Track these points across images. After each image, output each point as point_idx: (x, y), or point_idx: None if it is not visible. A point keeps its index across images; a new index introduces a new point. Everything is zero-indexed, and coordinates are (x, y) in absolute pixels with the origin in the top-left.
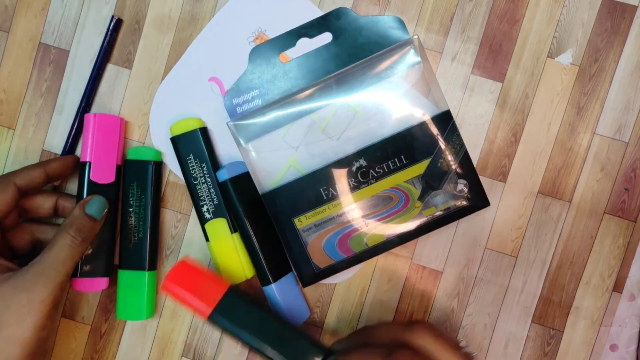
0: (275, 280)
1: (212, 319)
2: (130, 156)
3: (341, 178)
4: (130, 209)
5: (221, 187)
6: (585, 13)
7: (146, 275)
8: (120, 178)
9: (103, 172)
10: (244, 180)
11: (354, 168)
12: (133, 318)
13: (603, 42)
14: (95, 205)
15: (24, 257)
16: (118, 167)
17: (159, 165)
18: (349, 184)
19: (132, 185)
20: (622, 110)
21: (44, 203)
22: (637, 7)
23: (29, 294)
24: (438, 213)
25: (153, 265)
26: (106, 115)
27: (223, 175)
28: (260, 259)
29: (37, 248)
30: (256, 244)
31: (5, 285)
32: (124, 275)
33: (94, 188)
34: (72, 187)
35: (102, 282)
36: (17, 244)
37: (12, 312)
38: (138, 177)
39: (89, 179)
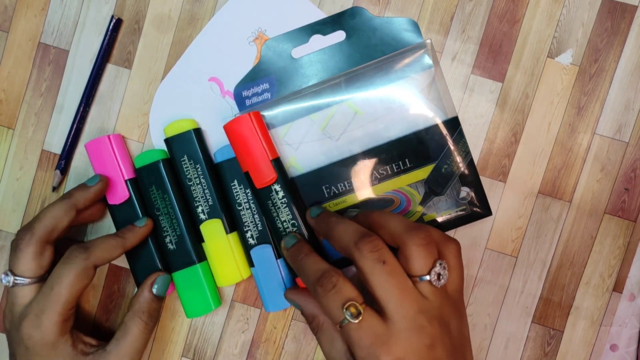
0: None
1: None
2: (138, 164)
3: (344, 177)
4: (159, 212)
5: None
6: (585, 13)
7: (198, 267)
8: (135, 191)
9: (116, 193)
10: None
11: (357, 168)
12: (203, 312)
13: (603, 42)
14: (161, 284)
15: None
16: (133, 180)
17: (167, 161)
18: (352, 184)
19: (151, 189)
20: (622, 110)
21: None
22: (637, 7)
23: None
24: (439, 219)
25: (202, 256)
26: (95, 140)
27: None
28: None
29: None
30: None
31: None
32: (178, 276)
33: (116, 211)
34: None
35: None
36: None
37: None
38: (153, 179)
39: (108, 205)
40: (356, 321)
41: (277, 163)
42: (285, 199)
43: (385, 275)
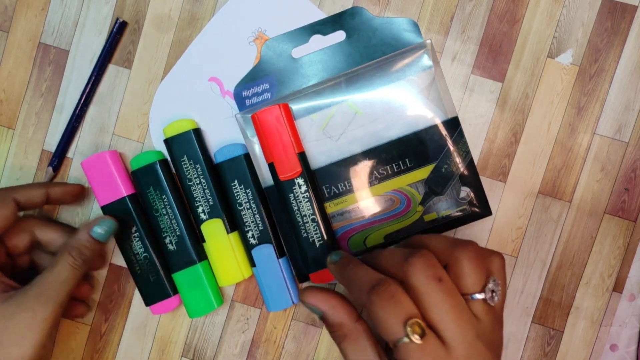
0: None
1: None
2: (135, 166)
3: (345, 177)
4: (157, 214)
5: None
6: (585, 13)
7: (199, 266)
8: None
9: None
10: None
11: (358, 168)
12: (206, 312)
13: (603, 42)
14: (104, 228)
15: (24, 274)
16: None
17: (164, 162)
18: (352, 184)
19: (148, 191)
20: (622, 110)
21: (35, 196)
22: (637, 7)
23: (30, 313)
24: (439, 219)
25: (202, 255)
26: (92, 157)
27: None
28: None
29: (36, 259)
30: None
31: (6, 305)
32: (180, 277)
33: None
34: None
35: (174, 301)
36: (14, 245)
37: (12, 332)
38: (150, 181)
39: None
40: (420, 342)
41: (303, 157)
42: (307, 194)
43: (442, 295)
